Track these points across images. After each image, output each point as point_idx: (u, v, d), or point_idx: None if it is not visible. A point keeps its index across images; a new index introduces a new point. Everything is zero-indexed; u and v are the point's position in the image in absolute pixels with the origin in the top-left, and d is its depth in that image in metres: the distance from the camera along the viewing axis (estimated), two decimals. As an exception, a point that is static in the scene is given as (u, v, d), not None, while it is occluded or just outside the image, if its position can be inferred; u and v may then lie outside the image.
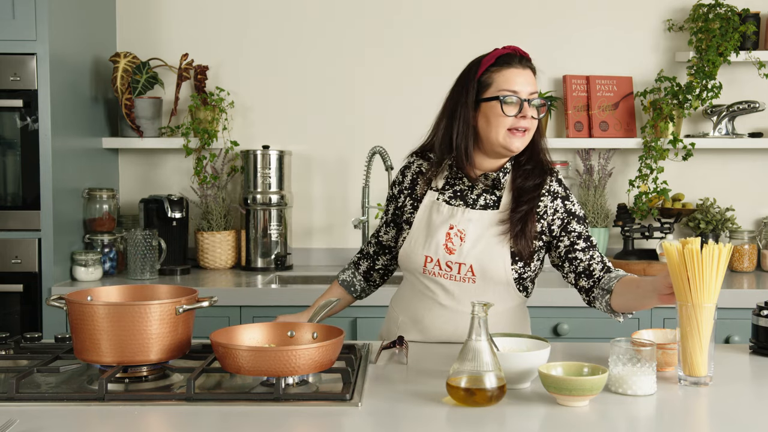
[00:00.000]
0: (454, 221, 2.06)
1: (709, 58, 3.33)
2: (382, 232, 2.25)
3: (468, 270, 2.03)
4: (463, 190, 2.10)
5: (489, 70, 2.03)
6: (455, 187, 2.11)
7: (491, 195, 2.08)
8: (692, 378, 1.72)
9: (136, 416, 1.52)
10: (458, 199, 2.09)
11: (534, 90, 2.02)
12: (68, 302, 1.72)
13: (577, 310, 2.98)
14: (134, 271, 3.20)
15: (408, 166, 2.18)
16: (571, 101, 3.51)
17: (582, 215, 2.09)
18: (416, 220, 2.10)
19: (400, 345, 1.96)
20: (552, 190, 2.07)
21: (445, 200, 2.10)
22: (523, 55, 2.07)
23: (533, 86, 2.03)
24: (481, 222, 2.05)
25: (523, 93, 2.00)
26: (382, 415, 1.54)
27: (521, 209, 2.03)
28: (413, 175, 2.16)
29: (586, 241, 2.05)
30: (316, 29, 3.60)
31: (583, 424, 1.50)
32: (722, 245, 1.73)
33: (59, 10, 3.05)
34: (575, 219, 2.06)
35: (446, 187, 2.11)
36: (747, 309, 2.27)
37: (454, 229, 2.05)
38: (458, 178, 2.11)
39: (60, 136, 3.07)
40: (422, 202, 2.12)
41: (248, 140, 3.60)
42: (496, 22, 3.59)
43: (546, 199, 2.06)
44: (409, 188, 2.16)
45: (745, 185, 3.59)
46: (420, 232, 2.09)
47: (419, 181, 2.14)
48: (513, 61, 2.04)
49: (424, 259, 2.06)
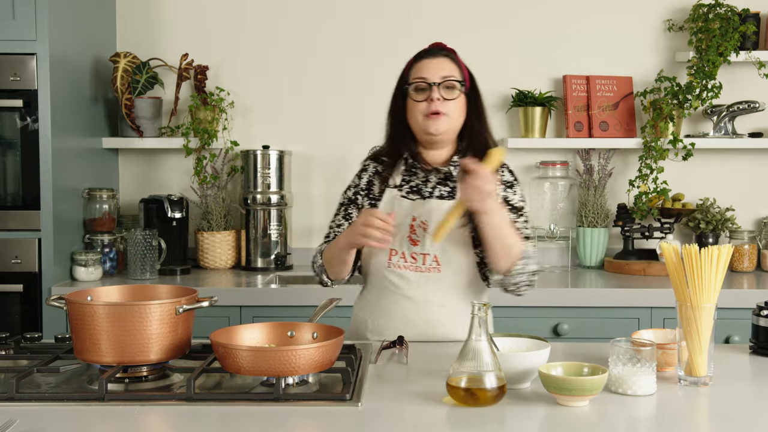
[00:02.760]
0: (416, 213, 2.11)
1: (709, 58, 3.33)
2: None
3: (432, 260, 2.09)
4: (419, 184, 2.16)
5: (410, 68, 2.15)
6: (411, 182, 2.17)
7: (446, 186, 2.15)
8: (692, 378, 1.72)
9: (136, 416, 1.52)
10: (415, 193, 2.15)
11: (448, 75, 2.09)
12: (68, 302, 1.72)
13: (577, 310, 2.98)
14: (134, 271, 3.20)
15: (364, 169, 2.25)
16: (571, 101, 3.51)
17: (519, 206, 2.15)
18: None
19: (400, 345, 1.96)
20: (504, 180, 2.17)
21: (404, 195, 2.15)
22: (441, 47, 2.16)
23: (447, 71, 2.10)
24: (441, 211, 2.08)
25: (433, 78, 2.08)
26: (382, 415, 1.54)
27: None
28: (369, 177, 2.22)
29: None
30: (315, 29, 3.60)
31: (583, 424, 1.50)
32: (722, 246, 1.73)
33: (59, 10, 3.05)
34: (508, 207, 2.13)
35: (402, 183, 2.17)
36: (747, 309, 2.27)
37: (417, 221, 2.10)
38: (414, 174, 2.17)
39: (60, 136, 3.07)
40: (381, 199, 2.16)
41: (248, 140, 3.60)
42: (496, 23, 3.59)
43: (499, 188, 2.14)
44: (365, 189, 2.21)
45: (745, 185, 3.59)
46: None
47: (375, 181, 2.20)
48: (426, 53, 2.14)
49: (389, 252, 2.11)
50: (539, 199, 3.50)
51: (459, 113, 2.12)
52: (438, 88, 2.07)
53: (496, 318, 2.81)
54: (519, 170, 3.60)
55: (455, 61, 2.14)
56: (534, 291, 2.15)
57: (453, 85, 2.09)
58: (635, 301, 2.98)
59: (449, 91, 2.09)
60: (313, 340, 1.79)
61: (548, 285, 3.11)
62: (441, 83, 2.08)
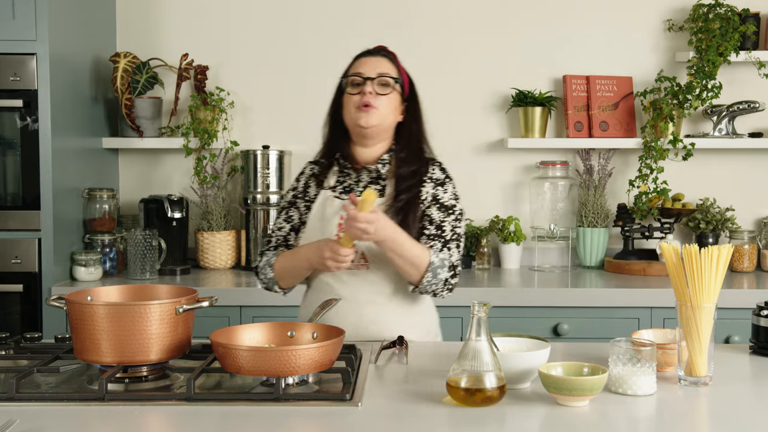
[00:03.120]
0: (343, 212, 2.11)
1: (709, 58, 3.33)
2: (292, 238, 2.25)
3: (360, 257, 2.12)
4: (351, 184, 2.20)
5: (350, 65, 2.22)
6: (344, 183, 2.21)
7: (376, 185, 2.18)
8: (692, 378, 1.73)
9: (136, 416, 1.52)
10: (347, 192, 2.19)
11: (383, 72, 2.15)
12: (68, 302, 1.72)
13: (577, 310, 2.98)
14: (134, 271, 3.20)
15: (302, 172, 2.30)
16: (571, 101, 3.51)
17: (449, 205, 2.16)
18: (310, 218, 2.19)
19: (400, 345, 1.97)
20: (434, 177, 2.20)
21: (336, 195, 2.19)
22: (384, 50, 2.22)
23: (383, 69, 2.17)
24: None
25: (369, 73, 2.15)
26: (382, 415, 1.54)
27: (401, 198, 2.13)
28: (306, 179, 2.26)
29: (438, 228, 2.13)
30: (315, 29, 3.60)
31: (583, 424, 1.50)
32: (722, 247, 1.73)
33: (59, 10, 3.05)
34: (437, 205, 2.16)
35: (336, 184, 2.21)
36: (747, 309, 2.27)
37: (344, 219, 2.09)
38: (347, 175, 2.21)
39: (60, 136, 3.07)
40: (315, 201, 2.21)
41: (248, 140, 3.60)
42: (496, 23, 3.59)
43: (428, 185, 2.17)
44: (302, 191, 2.25)
45: (745, 185, 3.59)
46: (315, 228, 2.17)
47: (311, 184, 2.24)
48: (367, 53, 2.21)
49: None
50: (539, 199, 3.50)
51: (391, 110, 2.16)
52: (372, 83, 2.13)
53: (496, 318, 2.82)
54: (519, 170, 3.61)
55: (394, 62, 2.20)
56: (534, 291, 2.15)
57: (387, 82, 2.15)
58: (635, 301, 2.98)
59: (383, 87, 2.15)
60: (313, 340, 1.79)
61: (548, 285, 3.11)
62: (375, 78, 2.14)
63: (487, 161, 3.60)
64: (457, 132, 3.60)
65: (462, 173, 3.63)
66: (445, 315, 2.98)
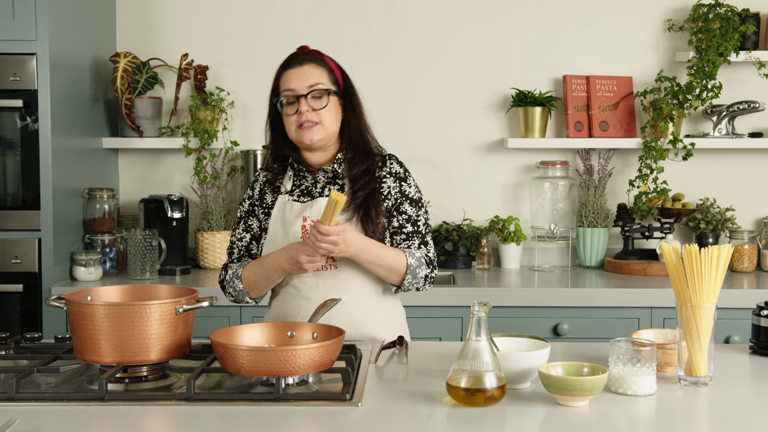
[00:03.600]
0: (306, 213, 2.11)
1: (709, 58, 3.33)
2: (254, 248, 2.21)
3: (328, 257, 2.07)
4: (308, 186, 2.17)
5: (278, 76, 2.15)
6: (301, 186, 2.18)
7: (334, 185, 2.15)
8: (692, 378, 1.73)
9: (136, 416, 1.52)
10: (306, 195, 2.16)
11: (314, 83, 2.09)
12: (68, 302, 1.72)
13: (577, 310, 2.98)
14: (134, 271, 3.20)
15: (256, 179, 2.25)
16: (571, 101, 3.51)
17: (416, 198, 2.16)
18: (271, 223, 2.15)
19: (400, 345, 1.97)
20: (393, 171, 2.17)
21: (294, 199, 2.16)
22: (307, 53, 2.14)
23: (313, 79, 2.09)
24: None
25: (300, 89, 2.08)
26: (382, 415, 1.54)
27: (358, 195, 2.10)
28: (261, 186, 2.22)
29: (413, 225, 2.13)
30: (315, 29, 3.60)
31: (583, 424, 1.50)
32: (722, 246, 1.73)
33: (59, 10, 3.05)
34: (408, 201, 2.14)
35: (293, 188, 2.18)
36: (747, 309, 2.27)
37: (308, 221, 2.10)
38: (303, 177, 2.18)
39: (60, 136, 3.07)
40: (274, 207, 2.17)
41: (248, 140, 3.60)
42: (495, 22, 3.58)
43: (389, 180, 2.15)
44: (258, 199, 2.21)
45: (745, 185, 3.59)
46: (277, 233, 2.14)
47: (267, 190, 2.20)
48: (291, 62, 2.13)
49: None
50: (539, 199, 3.50)
51: (332, 119, 2.11)
52: (306, 99, 2.07)
53: (496, 318, 2.82)
54: (519, 170, 3.61)
55: (322, 65, 2.13)
56: (534, 291, 2.15)
57: (320, 94, 2.09)
58: (635, 301, 2.98)
59: (317, 101, 2.08)
60: (313, 340, 1.79)
61: (548, 285, 3.11)
62: (308, 94, 2.07)
63: (487, 161, 3.60)
64: (457, 132, 3.60)
65: (462, 173, 3.65)
66: (445, 315, 2.99)
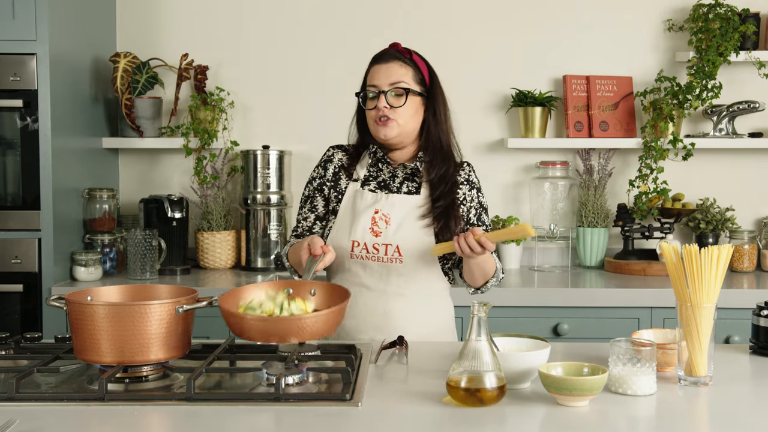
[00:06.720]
0: (378, 206, 2.16)
1: (709, 58, 3.33)
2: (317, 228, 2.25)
3: (395, 251, 2.13)
4: (386, 179, 2.21)
5: (367, 71, 2.21)
6: (378, 178, 2.22)
7: (413, 183, 2.20)
8: (692, 378, 1.73)
9: (136, 416, 1.52)
10: (382, 188, 2.20)
11: (396, 80, 2.14)
12: (68, 302, 1.72)
13: (577, 310, 2.98)
14: (134, 271, 3.20)
15: (330, 159, 2.28)
16: (571, 101, 3.51)
17: (486, 207, 2.26)
18: (341, 209, 2.20)
19: (400, 345, 1.97)
20: (471, 180, 2.25)
21: (371, 189, 2.20)
22: (397, 50, 2.19)
23: (395, 77, 2.15)
24: (404, 206, 2.16)
25: (382, 85, 2.15)
26: (382, 415, 1.54)
27: (439, 204, 2.15)
28: (335, 168, 2.25)
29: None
30: (315, 29, 3.60)
31: (583, 424, 1.50)
32: (722, 246, 1.73)
33: (59, 10, 3.05)
34: (485, 211, 2.25)
35: (369, 177, 2.22)
36: (747, 309, 2.27)
37: (379, 213, 2.15)
38: (380, 169, 2.22)
39: (60, 136, 3.07)
40: (345, 193, 2.21)
41: (248, 140, 3.60)
42: (496, 22, 3.58)
43: (465, 188, 2.21)
44: (332, 181, 2.24)
45: (745, 185, 3.59)
46: (345, 220, 2.18)
47: (342, 175, 2.24)
48: (380, 58, 2.20)
49: (351, 244, 2.15)
50: (539, 199, 3.50)
51: (409, 118, 2.15)
52: (386, 96, 2.13)
53: (497, 318, 2.82)
54: (519, 170, 3.61)
55: (410, 63, 2.17)
56: (534, 291, 2.17)
57: (401, 92, 2.13)
58: (635, 301, 2.98)
59: (397, 98, 2.14)
60: (311, 296, 1.85)
61: (548, 285, 3.11)
62: (388, 91, 2.13)
63: (487, 161, 3.60)
64: (457, 132, 3.59)
65: (462, 173, 3.65)
66: (445, 315, 2.99)
